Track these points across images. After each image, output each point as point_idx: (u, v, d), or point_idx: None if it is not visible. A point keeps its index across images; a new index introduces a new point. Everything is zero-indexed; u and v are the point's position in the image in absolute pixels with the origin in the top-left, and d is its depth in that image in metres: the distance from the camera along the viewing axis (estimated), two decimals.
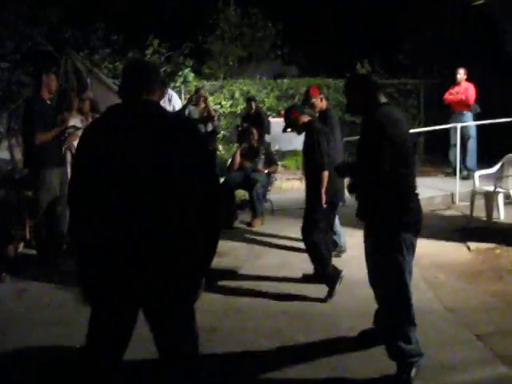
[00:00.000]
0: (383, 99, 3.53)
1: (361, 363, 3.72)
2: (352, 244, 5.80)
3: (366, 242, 3.62)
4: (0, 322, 4.53)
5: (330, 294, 4.85)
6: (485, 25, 9.03)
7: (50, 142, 5.64)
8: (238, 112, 11.85)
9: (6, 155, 9.84)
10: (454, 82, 9.65)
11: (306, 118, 5.18)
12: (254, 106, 8.86)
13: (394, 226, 3.38)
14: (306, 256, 5.46)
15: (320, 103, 5.65)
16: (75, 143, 6.21)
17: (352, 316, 4.44)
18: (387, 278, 3.43)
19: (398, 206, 3.38)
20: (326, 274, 4.96)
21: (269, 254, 6.28)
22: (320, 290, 4.92)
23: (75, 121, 6.37)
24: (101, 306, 2.56)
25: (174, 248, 2.47)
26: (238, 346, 4.02)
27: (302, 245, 5.99)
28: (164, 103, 8.31)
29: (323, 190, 4.97)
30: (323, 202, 4.98)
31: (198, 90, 8.71)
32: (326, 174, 4.96)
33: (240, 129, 9.11)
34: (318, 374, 3.62)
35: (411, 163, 3.45)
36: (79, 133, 6.23)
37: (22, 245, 6.39)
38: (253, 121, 8.83)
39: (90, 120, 6.65)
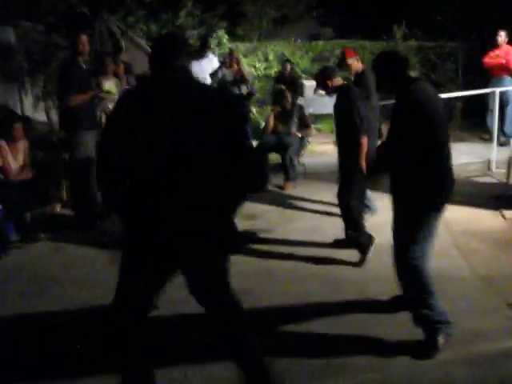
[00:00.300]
0: (413, 75, 3.47)
1: (390, 326, 3.77)
2: (384, 209, 5.75)
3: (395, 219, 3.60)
4: (38, 280, 4.70)
5: (362, 260, 4.87)
6: None
7: (84, 104, 5.71)
8: (272, 74, 11.75)
9: (43, 117, 10.02)
10: (494, 45, 9.35)
11: (338, 82, 4.98)
12: (288, 68, 8.77)
13: (423, 207, 3.38)
14: (338, 221, 5.48)
15: (356, 64, 5.55)
16: (110, 105, 6.29)
17: (382, 281, 4.44)
18: (401, 247, 3.47)
19: (430, 189, 3.37)
20: (359, 239, 4.96)
21: (301, 218, 6.30)
22: (351, 255, 4.96)
23: (110, 84, 6.42)
24: (136, 264, 2.69)
25: (199, 219, 2.60)
26: (269, 308, 4.10)
27: (334, 209, 6.02)
28: (203, 64, 8.34)
29: (363, 158, 4.80)
30: (364, 170, 4.80)
31: (230, 52, 8.65)
32: (365, 140, 4.78)
33: (274, 90, 9.02)
34: (347, 332, 3.70)
35: (445, 140, 3.40)
36: (114, 96, 6.29)
37: (59, 206, 6.55)
38: (286, 83, 8.76)
39: (125, 83, 6.71)
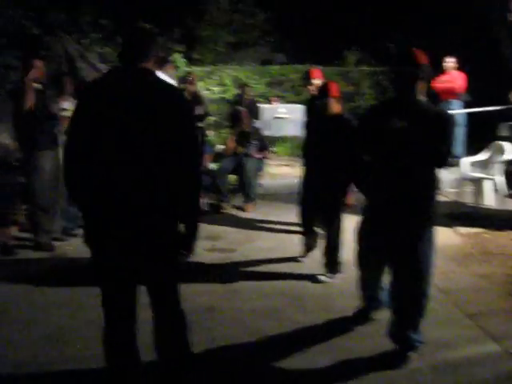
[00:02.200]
0: None
1: (357, 342, 3.83)
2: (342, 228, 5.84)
3: (396, 235, 3.56)
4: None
5: (331, 278, 4.97)
6: (477, 14, 9.10)
7: (41, 124, 5.65)
8: (228, 98, 11.89)
9: None
10: (443, 71, 9.74)
11: (337, 108, 4.91)
12: (247, 92, 8.88)
13: (432, 219, 3.52)
14: (296, 238, 5.62)
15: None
16: None
17: (345, 296, 4.53)
18: (422, 271, 3.49)
19: (435, 199, 3.54)
20: (337, 260, 5.01)
21: (262, 238, 6.37)
22: (312, 270, 5.08)
23: (68, 104, 6.35)
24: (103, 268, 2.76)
25: (156, 208, 2.64)
26: (237, 325, 4.10)
27: (293, 228, 6.14)
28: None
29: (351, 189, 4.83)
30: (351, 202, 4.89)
31: (187, 74, 8.72)
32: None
33: (232, 113, 9.10)
34: (317, 354, 3.70)
35: None
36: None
37: (16, 229, 6.41)
38: (244, 106, 8.85)
39: None
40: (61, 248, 5.90)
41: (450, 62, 9.58)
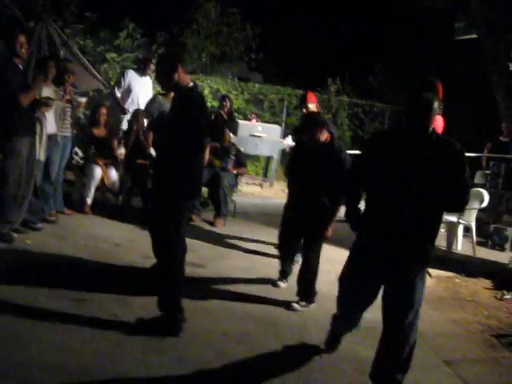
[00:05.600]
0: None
1: (330, 376, 3.68)
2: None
3: (399, 282, 3.41)
4: None
5: (306, 306, 4.81)
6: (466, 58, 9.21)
7: (23, 111, 5.32)
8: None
9: None
10: None
11: (325, 135, 4.73)
12: (228, 105, 8.69)
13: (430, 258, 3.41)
14: (269, 260, 5.50)
15: (314, 110, 5.44)
16: (46, 114, 5.91)
17: (319, 327, 4.36)
18: (416, 311, 3.39)
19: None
20: (313, 289, 4.86)
21: (233, 256, 6.13)
22: (285, 296, 4.91)
23: (49, 91, 6.04)
24: None
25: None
26: (209, 348, 3.86)
27: (266, 249, 6.00)
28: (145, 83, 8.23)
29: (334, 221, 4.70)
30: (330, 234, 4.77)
31: None
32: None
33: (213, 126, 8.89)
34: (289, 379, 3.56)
35: None
36: (52, 104, 5.92)
37: None
38: (224, 119, 8.66)
39: (69, 92, 6.39)
40: (20, 240, 5.54)
41: None
